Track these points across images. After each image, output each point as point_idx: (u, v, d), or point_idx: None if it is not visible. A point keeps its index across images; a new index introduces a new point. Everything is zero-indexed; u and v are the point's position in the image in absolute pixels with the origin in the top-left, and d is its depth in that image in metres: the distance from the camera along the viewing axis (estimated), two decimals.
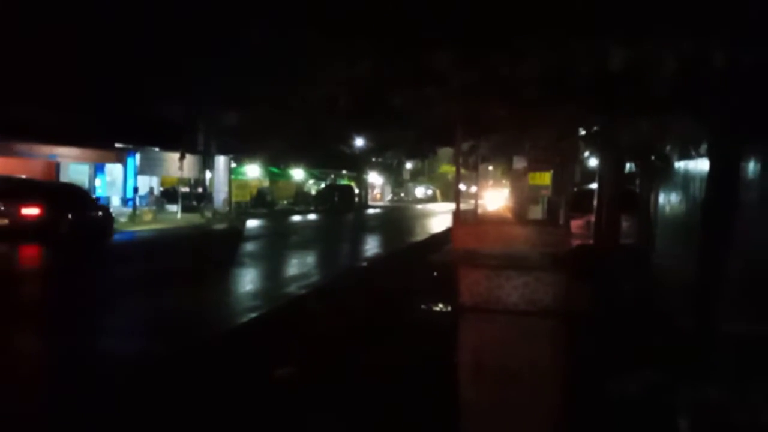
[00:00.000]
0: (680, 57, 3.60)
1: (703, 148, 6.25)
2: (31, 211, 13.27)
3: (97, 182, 29.28)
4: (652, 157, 5.62)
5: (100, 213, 16.45)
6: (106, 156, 27.69)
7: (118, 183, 29.80)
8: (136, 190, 27.73)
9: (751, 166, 5.78)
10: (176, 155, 28.92)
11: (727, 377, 4.29)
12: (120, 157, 28.23)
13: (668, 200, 8.59)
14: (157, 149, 29.48)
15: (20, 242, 12.66)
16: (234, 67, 23.61)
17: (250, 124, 29.33)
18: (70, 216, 14.20)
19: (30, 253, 12.57)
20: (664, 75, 3.64)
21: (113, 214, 17.94)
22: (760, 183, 5.88)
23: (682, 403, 4.13)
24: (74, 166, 27.75)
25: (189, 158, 30.25)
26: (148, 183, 29.73)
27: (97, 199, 20.30)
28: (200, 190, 31.55)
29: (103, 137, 25.42)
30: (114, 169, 29.51)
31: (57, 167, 26.26)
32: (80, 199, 16.13)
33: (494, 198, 29.69)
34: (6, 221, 13.00)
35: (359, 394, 4.35)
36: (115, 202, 28.99)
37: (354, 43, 5.14)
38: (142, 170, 29.18)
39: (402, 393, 4.31)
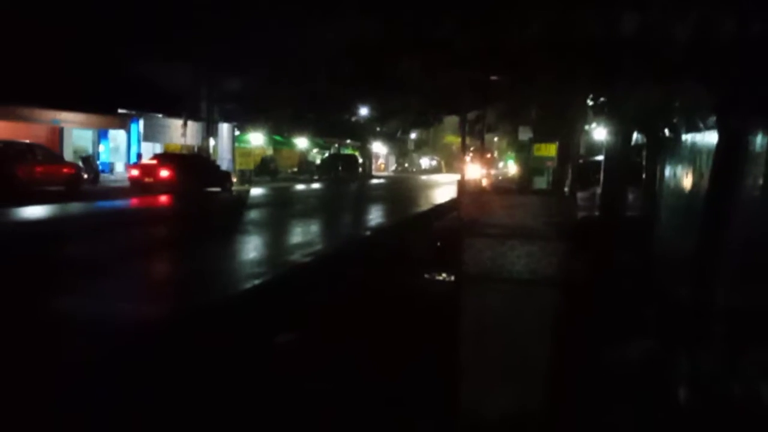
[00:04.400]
0: (689, 23, 3.54)
1: (711, 120, 6.19)
2: (165, 173, 20.98)
3: (101, 148, 29.24)
4: (664, 128, 5.56)
5: (220, 176, 23.81)
6: (109, 122, 27.61)
7: (122, 149, 29.76)
8: (140, 156, 27.65)
9: (759, 140, 5.73)
10: (180, 122, 28.79)
11: (724, 349, 4.33)
12: (123, 123, 28.15)
13: (674, 173, 8.55)
14: (160, 116, 29.36)
15: (158, 193, 20.14)
16: (237, 32, 23.35)
17: (254, 90, 29.12)
18: (191, 177, 21.36)
19: (163, 200, 19.34)
20: (673, 41, 3.59)
21: (232, 177, 25.72)
22: (767, 158, 5.83)
23: (679, 373, 4.18)
24: (78, 131, 27.68)
25: (192, 125, 30.14)
26: (151, 149, 29.72)
27: (218, 166, 26.15)
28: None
29: (107, 103, 25.33)
30: (117, 135, 29.44)
31: (60, 132, 26.19)
32: (201, 165, 24.04)
33: (476, 172, 27.19)
34: (151, 179, 20.90)
35: (360, 360, 4.40)
36: (119, 168, 28.97)
37: (357, 8, 5.04)
38: (145, 136, 29.09)
39: (403, 360, 4.37)
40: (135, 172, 21.86)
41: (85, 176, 21.68)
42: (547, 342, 4.27)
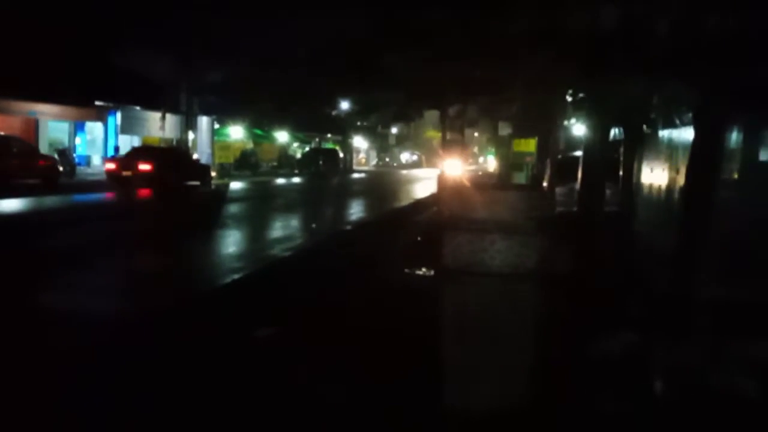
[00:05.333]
0: (670, 19, 3.59)
1: (688, 117, 6.28)
2: (145, 167, 20.41)
3: (77, 140, 28.76)
4: (642, 124, 5.63)
5: (199, 170, 23.43)
6: (86, 114, 27.13)
7: (98, 142, 29.30)
8: (117, 149, 27.22)
9: (734, 137, 5.83)
10: (158, 115, 28.40)
11: (704, 342, 4.40)
12: (100, 116, 27.68)
13: (650, 168, 8.67)
14: (138, 108, 28.95)
15: (135, 187, 19.84)
16: (217, 24, 23.14)
17: (234, 83, 28.85)
18: (171, 171, 20.94)
19: (140, 194, 19.25)
20: (654, 36, 3.63)
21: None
22: (742, 153, 5.94)
23: (660, 366, 4.24)
24: (54, 123, 27.19)
25: (171, 118, 29.78)
26: (129, 143, 29.27)
27: (198, 160, 25.70)
28: None
29: (83, 95, 24.86)
30: (95, 128, 28.96)
31: (36, 124, 25.70)
32: (180, 159, 23.63)
33: (456, 167, 26.65)
34: (130, 173, 20.39)
35: (340, 356, 4.40)
36: (96, 161, 28.55)
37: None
38: (123, 129, 28.65)
39: (384, 355, 4.37)
40: (112, 166, 21.50)
41: (62, 169, 21.30)
42: (529, 334, 4.30)
